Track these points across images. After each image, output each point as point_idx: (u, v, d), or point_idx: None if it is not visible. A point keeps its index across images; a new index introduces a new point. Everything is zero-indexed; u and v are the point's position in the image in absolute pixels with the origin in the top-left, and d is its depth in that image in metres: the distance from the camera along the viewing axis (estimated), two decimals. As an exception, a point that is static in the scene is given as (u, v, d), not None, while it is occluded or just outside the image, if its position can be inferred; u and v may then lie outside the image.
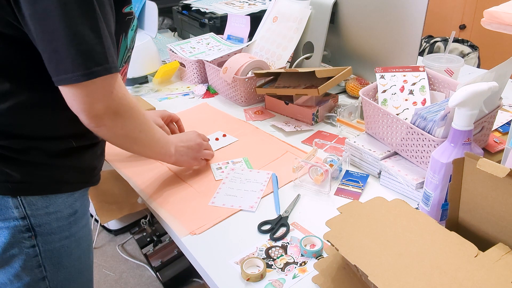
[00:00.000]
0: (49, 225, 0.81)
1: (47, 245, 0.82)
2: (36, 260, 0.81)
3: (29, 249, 0.80)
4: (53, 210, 0.81)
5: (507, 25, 0.83)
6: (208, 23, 1.80)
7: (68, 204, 0.84)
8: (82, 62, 0.67)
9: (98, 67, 0.68)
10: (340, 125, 1.23)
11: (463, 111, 0.70)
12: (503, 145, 0.99)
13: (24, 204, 0.77)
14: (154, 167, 1.12)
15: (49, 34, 0.66)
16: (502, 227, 0.65)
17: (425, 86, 1.03)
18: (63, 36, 0.65)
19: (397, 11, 1.24)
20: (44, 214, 0.80)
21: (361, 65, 1.43)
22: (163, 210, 0.96)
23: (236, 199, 0.97)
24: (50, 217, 0.81)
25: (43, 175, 0.79)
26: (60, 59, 0.67)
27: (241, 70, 1.37)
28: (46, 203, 0.80)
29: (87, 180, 0.88)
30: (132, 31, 0.87)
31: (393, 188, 0.98)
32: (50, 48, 0.67)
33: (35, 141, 0.76)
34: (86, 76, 0.68)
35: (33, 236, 0.79)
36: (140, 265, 2.00)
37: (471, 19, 2.57)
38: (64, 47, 0.66)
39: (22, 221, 0.78)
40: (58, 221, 0.82)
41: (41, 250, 0.81)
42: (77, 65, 0.67)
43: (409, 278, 0.59)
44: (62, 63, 0.67)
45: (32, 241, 0.79)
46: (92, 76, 0.68)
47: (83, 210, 0.89)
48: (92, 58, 0.68)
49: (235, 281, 0.78)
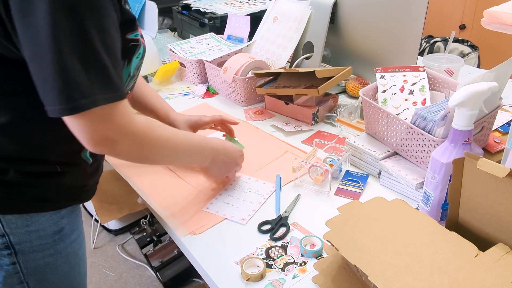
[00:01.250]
0: (30, 243, 0.78)
1: (29, 262, 0.79)
2: (18, 277, 0.79)
3: (9, 266, 0.78)
4: (34, 229, 0.78)
5: (507, 25, 0.83)
6: (208, 23, 1.80)
7: (53, 222, 0.81)
8: (68, 95, 0.63)
9: (83, 100, 0.64)
10: (340, 125, 1.23)
11: (463, 111, 0.70)
12: (503, 145, 0.99)
13: (3, 222, 0.75)
14: (154, 167, 1.12)
15: (38, 63, 0.62)
16: (502, 227, 0.65)
17: (425, 86, 1.03)
18: (51, 66, 0.61)
19: (397, 11, 1.24)
20: (24, 232, 0.77)
21: (361, 65, 1.43)
22: (163, 210, 0.96)
23: (231, 208, 0.95)
24: (31, 236, 0.78)
25: (23, 194, 0.76)
26: (48, 90, 0.63)
27: (241, 70, 1.37)
28: (27, 222, 0.77)
29: (76, 198, 0.85)
30: (137, 59, 0.82)
31: (393, 188, 0.98)
32: (40, 77, 0.63)
33: (16, 163, 0.74)
34: (73, 109, 0.64)
35: (13, 254, 0.77)
36: (140, 265, 2.00)
37: (471, 19, 2.57)
38: (51, 78, 0.62)
39: (1, 239, 0.75)
40: (40, 239, 0.79)
41: (22, 267, 0.79)
42: (63, 98, 0.63)
43: (409, 278, 0.59)
44: (50, 94, 0.63)
45: (11, 258, 0.77)
46: (79, 110, 0.64)
47: (72, 226, 0.85)
48: (81, 90, 0.63)
49: (235, 281, 0.78)
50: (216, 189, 1.02)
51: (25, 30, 0.61)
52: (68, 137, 0.72)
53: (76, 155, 0.81)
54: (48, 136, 0.75)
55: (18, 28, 0.62)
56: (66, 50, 0.61)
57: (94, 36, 0.63)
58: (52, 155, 0.77)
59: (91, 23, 0.63)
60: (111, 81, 0.67)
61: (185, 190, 1.02)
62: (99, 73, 0.65)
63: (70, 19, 0.61)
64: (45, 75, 0.62)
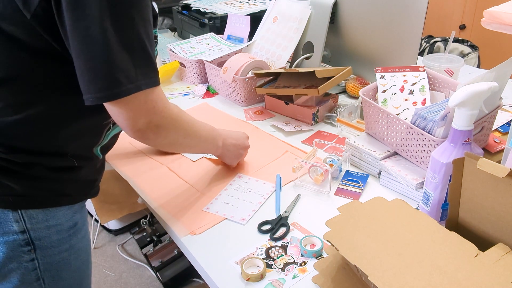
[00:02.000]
0: (49, 238, 0.80)
1: (46, 258, 0.81)
2: (35, 273, 0.80)
3: (28, 263, 0.79)
4: (53, 224, 0.80)
5: (507, 25, 0.83)
6: (208, 23, 1.80)
7: (69, 216, 0.83)
8: (116, 81, 0.67)
9: (128, 85, 0.68)
10: (340, 125, 1.23)
11: (463, 111, 0.70)
12: (503, 145, 0.99)
13: (25, 217, 0.76)
14: (154, 167, 1.12)
15: (87, 52, 0.66)
16: (502, 227, 0.65)
17: (425, 86, 1.03)
18: (100, 54, 0.65)
19: (397, 11, 1.24)
20: (44, 227, 0.79)
21: (361, 65, 1.43)
22: (163, 210, 0.96)
23: (231, 208, 0.95)
24: (50, 230, 0.80)
25: (44, 189, 0.78)
26: (95, 77, 0.67)
27: (241, 70, 1.37)
28: (47, 217, 0.79)
29: (87, 192, 0.88)
30: None
31: (393, 188, 0.98)
32: (87, 66, 0.67)
33: (38, 157, 0.76)
34: (116, 95, 0.68)
35: (32, 250, 0.79)
36: (140, 265, 2.00)
37: (471, 19, 2.57)
38: (100, 65, 0.66)
39: (22, 235, 0.77)
40: (58, 234, 0.82)
41: (40, 263, 0.80)
42: (110, 84, 0.67)
43: (409, 278, 0.59)
44: (97, 81, 0.67)
45: (31, 254, 0.79)
46: (122, 95, 0.68)
47: (82, 221, 0.88)
48: (127, 75, 0.68)
49: (235, 281, 0.78)
50: (216, 189, 1.02)
51: (75, 21, 0.64)
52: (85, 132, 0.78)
53: (90, 150, 0.84)
54: (69, 130, 0.78)
55: (67, 20, 0.64)
56: (115, 38, 0.66)
57: (139, 24, 0.68)
58: (71, 149, 0.80)
59: (135, 10, 0.67)
60: (151, 67, 0.72)
61: (185, 190, 1.02)
62: (142, 59, 0.70)
63: (119, 7, 0.65)
64: (94, 63, 0.66)
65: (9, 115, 0.72)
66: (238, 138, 1.05)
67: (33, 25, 0.67)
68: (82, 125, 0.79)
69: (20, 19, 0.66)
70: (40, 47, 0.69)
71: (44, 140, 0.76)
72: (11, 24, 0.67)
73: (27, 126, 0.74)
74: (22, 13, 0.66)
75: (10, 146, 0.74)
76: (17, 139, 0.74)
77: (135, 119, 0.73)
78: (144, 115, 0.73)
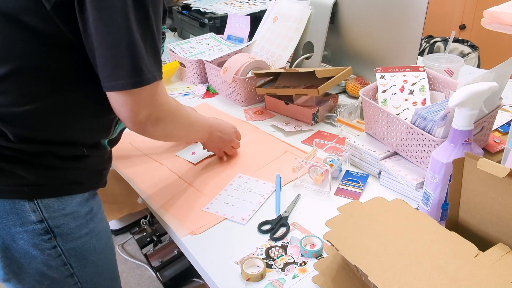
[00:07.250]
0: (67, 225, 0.81)
1: (68, 244, 0.82)
2: (61, 259, 0.82)
3: (51, 250, 0.80)
4: (69, 211, 0.81)
5: (507, 25, 0.83)
6: (208, 23, 1.80)
7: (83, 203, 0.84)
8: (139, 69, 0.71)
9: (148, 74, 0.72)
10: (340, 125, 1.23)
11: (463, 111, 0.70)
12: (503, 145, 0.99)
13: (41, 207, 0.77)
14: (154, 167, 1.12)
15: (110, 41, 0.68)
16: (502, 227, 0.65)
17: (425, 86, 1.03)
18: (123, 44, 0.69)
19: (397, 11, 1.24)
20: (61, 215, 0.80)
21: (361, 65, 1.43)
22: (163, 210, 0.96)
23: (231, 208, 0.95)
24: (68, 218, 0.81)
25: (56, 177, 0.79)
26: (117, 65, 0.70)
27: (241, 70, 1.37)
28: (63, 205, 0.80)
29: (98, 181, 0.89)
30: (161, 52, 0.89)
31: (393, 188, 0.98)
32: (110, 54, 0.69)
33: (50, 146, 0.77)
34: (139, 83, 0.71)
35: (53, 237, 0.80)
36: (140, 265, 2.00)
37: (471, 19, 2.57)
38: (123, 54, 0.69)
39: (40, 224, 0.78)
40: (76, 220, 0.83)
41: (63, 249, 0.82)
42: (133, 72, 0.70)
43: (409, 278, 0.59)
44: (120, 69, 0.70)
45: (52, 242, 0.80)
46: (145, 83, 0.72)
47: (98, 206, 0.89)
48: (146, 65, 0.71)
49: (235, 281, 0.78)
50: (216, 189, 1.02)
51: (100, 10, 0.67)
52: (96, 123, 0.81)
53: (98, 140, 0.86)
54: (80, 119, 0.79)
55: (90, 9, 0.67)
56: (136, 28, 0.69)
57: (152, 17, 0.72)
58: (82, 138, 0.81)
59: (152, 3, 0.71)
60: (159, 60, 0.75)
61: (185, 190, 1.02)
62: (154, 51, 0.74)
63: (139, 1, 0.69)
64: (118, 51, 0.69)
65: (22, 105, 0.73)
66: (226, 132, 1.09)
67: (51, 15, 0.68)
68: (94, 116, 0.81)
69: (39, 10, 0.68)
70: (56, 38, 0.71)
71: (56, 130, 0.77)
72: (29, 14, 0.69)
73: (39, 116, 0.74)
74: (42, 4, 0.67)
75: (22, 136, 0.74)
76: (30, 129, 0.75)
77: (138, 111, 0.75)
78: (147, 107, 0.76)
